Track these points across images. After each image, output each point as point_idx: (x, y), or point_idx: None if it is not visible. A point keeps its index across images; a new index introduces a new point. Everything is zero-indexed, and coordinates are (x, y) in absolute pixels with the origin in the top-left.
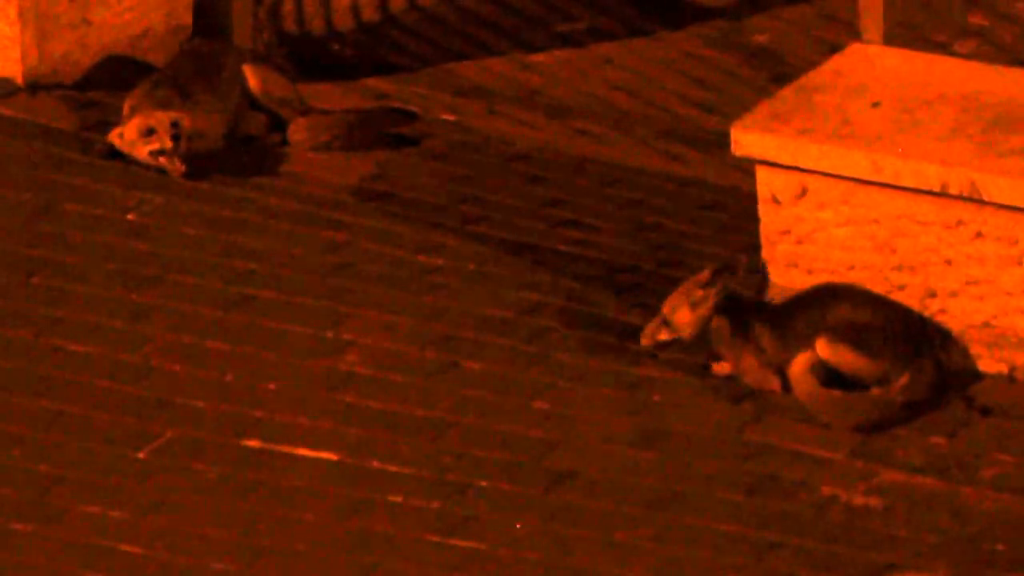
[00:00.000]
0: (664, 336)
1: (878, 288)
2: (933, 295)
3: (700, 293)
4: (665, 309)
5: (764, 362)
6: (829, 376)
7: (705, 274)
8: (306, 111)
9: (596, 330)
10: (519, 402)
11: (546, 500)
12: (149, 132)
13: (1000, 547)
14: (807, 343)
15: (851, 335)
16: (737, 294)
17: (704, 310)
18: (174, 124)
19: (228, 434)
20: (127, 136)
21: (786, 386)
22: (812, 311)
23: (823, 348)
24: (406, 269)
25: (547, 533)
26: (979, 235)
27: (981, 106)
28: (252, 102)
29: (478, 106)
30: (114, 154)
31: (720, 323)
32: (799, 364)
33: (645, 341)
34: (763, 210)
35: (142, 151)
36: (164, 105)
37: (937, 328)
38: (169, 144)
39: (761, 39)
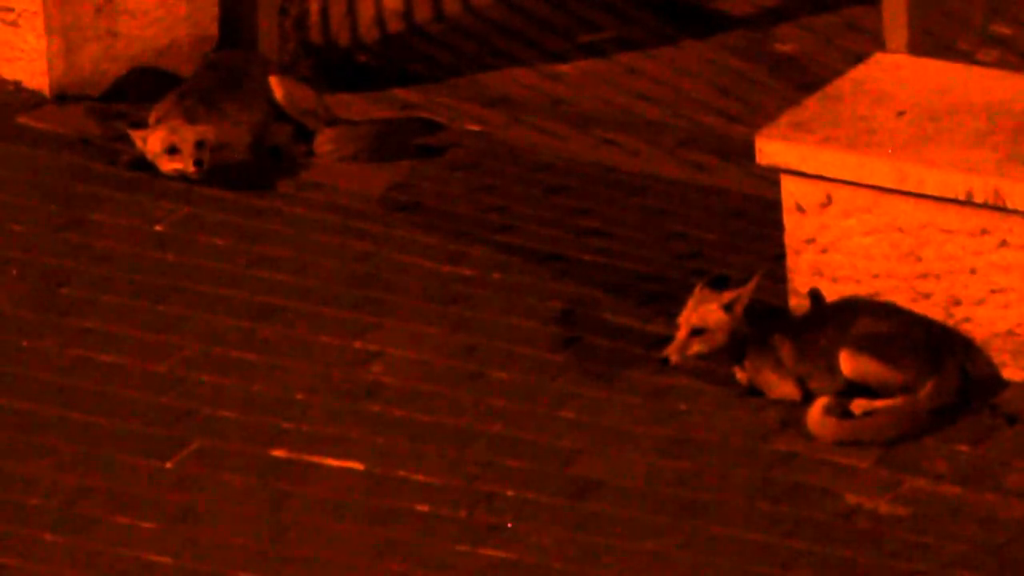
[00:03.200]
0: (696, 348)
1: (903, 296)
2: (958, 303)
3: (732, 295)
4: (692, 320)
5: (783, 374)
6: (850, 390)
7: (700, 291)
8: (332, 122)
9: (621, 339)
10: (545, 411)
11: (572, 509)
12: (172, 150)
13: None
14: (827, 356)
15: (874, 346)
16: (758, 305)
17: (738, 311)
18: (198, 145)
19: (256, 444)
20: (150, 147)
21: (806, 397)
22: (832, 324)
23: (846, 360)
24: (432, 279)
25: (573, 542)
26: (1004, 243)
27: (1005, 115)
28: (278, 113)
29: (503, 116)
30: (141, 165)
31: (746, 332)
32: (813, 413)
33: (675, 359)
34: (788, 219)
35: (164, 165)
36: (190, 117)
37: (961, 336)
38: (192, 169)
39: (786, 48)
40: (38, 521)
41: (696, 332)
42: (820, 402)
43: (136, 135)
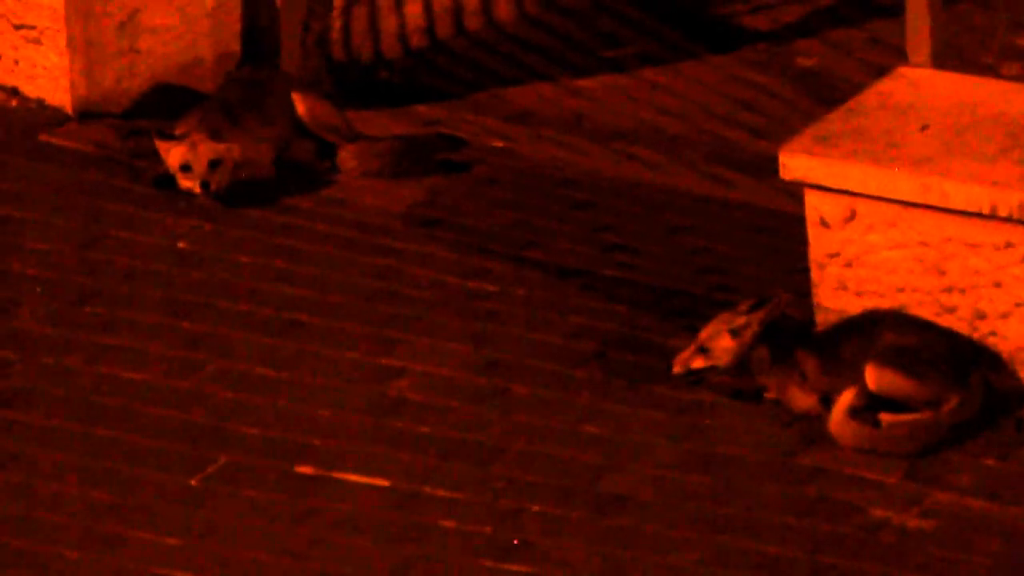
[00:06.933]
0: (699, 364)
1: (928, 310)
2: (983, 317)
3: (742, 321)
4: (702, 336)
5: (807, 389)
6: (875, 403)
7: (742, 308)
8: (354, 138)
9: (645, 354)
10: (569, 427)
11: (597, 524)
12: (186, 168)
13: None
14: (852, 370)
15: (899, 359)
16: (780, 321)
17: (746, 338)
18: (211, 164)
19: (280, 460)
20: (171, 161)
21: (829, 411)
22: (857, 337)
23: (871, 374)
24: (456, 295)
25: (599, 557)
26: None
27: None
28: (301, 129)
29: (526, 132)
30: (165, 182)
31: (760, 352)
32: (836, 415)
33: (677, 368)
34: (812, 233)
35: (180, 183)
36: (213, 133)
37: (986, 350)
38: (198, 191)
39: (808, 62)
40: (63, 538)
41: (702, 350)
42: (843, 404)
43: (163, 146)
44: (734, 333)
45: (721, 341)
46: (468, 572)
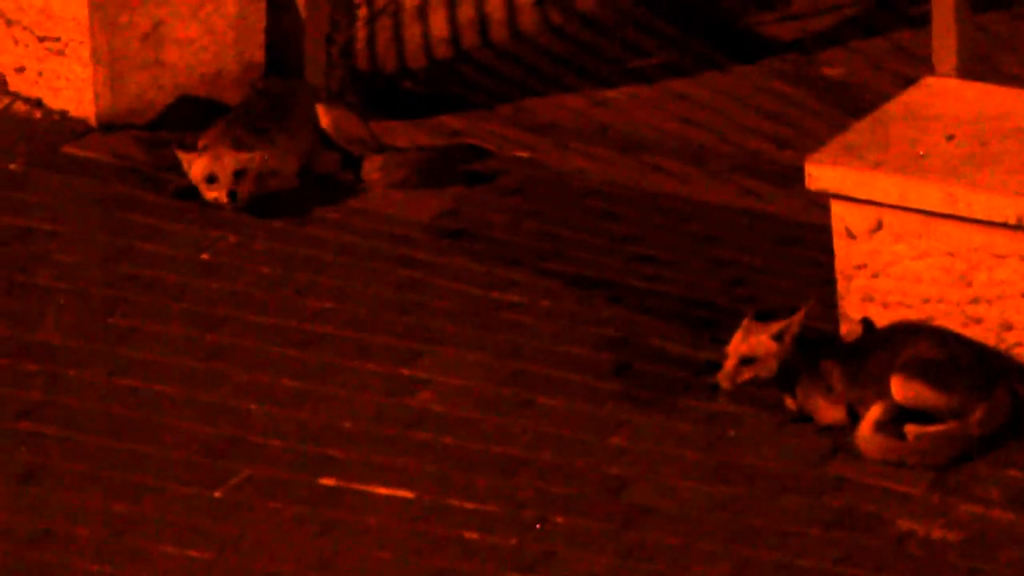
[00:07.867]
0: (746, 376)
1: (954, 321)
2: (1009, 328)
3: (781, 324)
4: (743, 349)
5: (832, 400)
6: (902, 415)
7: (746, 322)
8: (379, 149)
9: (671, 366)
10: (595, 438)
11: (622, 536)
12: (211, 179)
13: None
14: (878, 381)
15: (925, 371)
16: (804, 332)
17: (788, 340)
18: (237, 174)
19: (304, 473)
20: (194, 173)
21: (855, 422)
22: (884, 349)
23: (897, 385)
24: (480, 306)
25: (624, 568)
26: None
27: None
28: (325, 140)
29: (551, 142)
30: (187, 194)
31: (795, 360)
32: (863, 429)
33: (726, 385)
34: (838, 244)
35: (205, 194)
36: (237, 144)
37: (1013, 361)
38: (225, 200)
39: (834, 73)
40: (87, 551)
41: (746, 361)
42: (871, 418)
43: (184, 157)
44: (776, 337)
45: (765, 347)
46: None
